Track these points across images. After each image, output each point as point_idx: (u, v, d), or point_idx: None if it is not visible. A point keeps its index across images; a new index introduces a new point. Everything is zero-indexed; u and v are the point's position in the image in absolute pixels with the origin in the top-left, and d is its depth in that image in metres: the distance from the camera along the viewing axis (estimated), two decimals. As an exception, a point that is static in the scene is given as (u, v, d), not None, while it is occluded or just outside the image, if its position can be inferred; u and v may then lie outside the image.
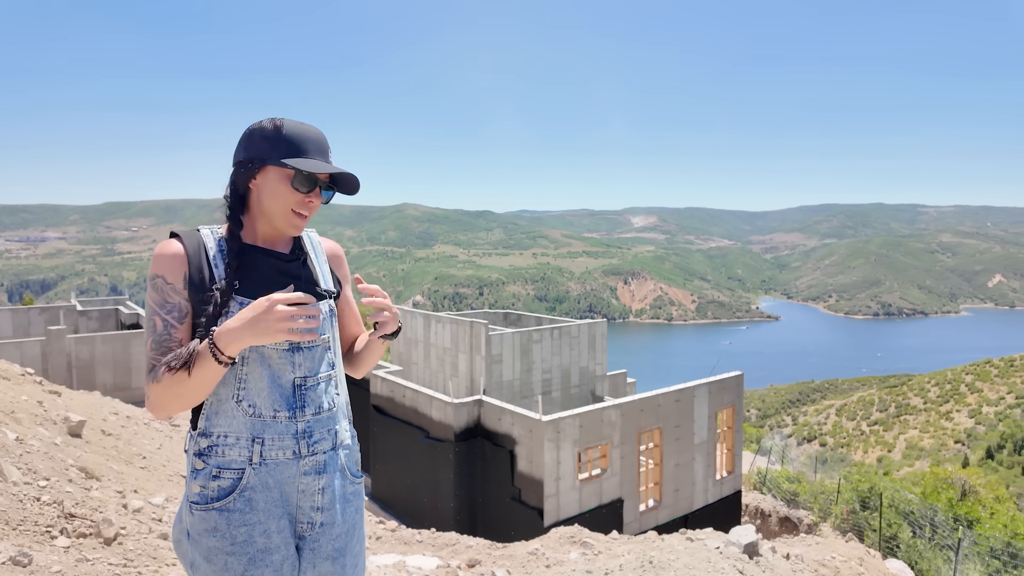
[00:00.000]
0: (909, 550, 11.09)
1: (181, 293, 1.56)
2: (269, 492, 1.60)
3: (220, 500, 1.55)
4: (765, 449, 21.79)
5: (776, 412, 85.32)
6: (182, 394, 1.49)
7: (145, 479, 5.83)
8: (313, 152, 1.62)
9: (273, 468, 1.60)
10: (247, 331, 1.43)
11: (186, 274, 1.57)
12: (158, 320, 1.54)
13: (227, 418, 1.58)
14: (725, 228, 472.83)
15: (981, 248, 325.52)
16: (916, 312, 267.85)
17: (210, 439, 1.58)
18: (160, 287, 1.55)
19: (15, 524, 3.44)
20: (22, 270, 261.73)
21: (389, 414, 15.67)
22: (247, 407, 1.59)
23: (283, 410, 1.61)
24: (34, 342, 17.94)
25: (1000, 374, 68.28)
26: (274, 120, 1.64)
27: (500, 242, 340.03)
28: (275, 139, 1.61)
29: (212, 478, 1.56)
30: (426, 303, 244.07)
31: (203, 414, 1.59)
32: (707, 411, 14.32)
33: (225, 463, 1.57)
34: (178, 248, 1.58)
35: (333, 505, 1.70)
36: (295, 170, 1.60)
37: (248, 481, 1.57)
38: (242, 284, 1.61)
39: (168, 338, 1.54)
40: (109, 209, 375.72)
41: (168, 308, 1.55)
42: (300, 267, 1.74)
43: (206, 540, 1.54)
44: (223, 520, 1.54)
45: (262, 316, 1.43)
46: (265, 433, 1.59)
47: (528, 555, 5.82)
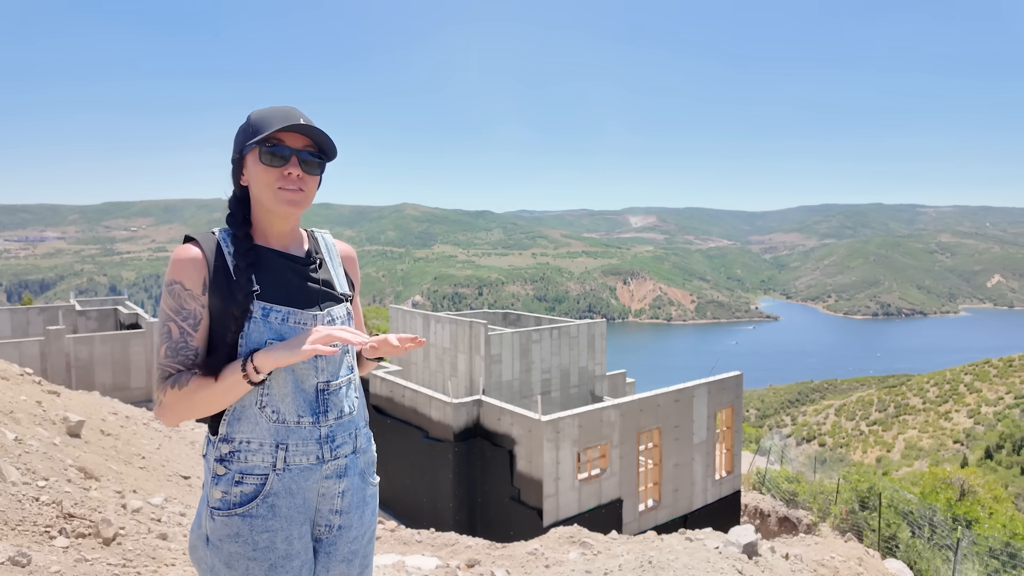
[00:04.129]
0: (908, 550, 11.09)
1: (198, 299, 1.54)
2: (292, 498, 1.58)
3: (243, 506, 1.54)
4: (764, 449, 21.79)
5: (775, 412, 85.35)
6: (202, 404, 1.50)
7: (144, 479, 5.83)
8: (278, 123, 1.56)
9: (297, 474, 1.59)
10: (285, 354, 1.48)
11: (205, 279, 1.55)
12: (174, 327, 1.53)
13: (250, 424, 1.56)
14: (724, 228, 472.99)
15: (980, 248, 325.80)
16: (915, 312, 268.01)
17: (232, 445, 1.56)
18: (177, 293, 1.53)
19: (14, 524, 3.43)
20: (21, 270, 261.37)
21: (388, 414, 15.67)
22: (271, 413, 1.57)
23: (307, 415, 1.60)
24: (33, 342, 17.92)
25: (999, 374, 68.33)
26: (248, 114, 1.63)
27: (499, 242, 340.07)
28: (245, 129, 1.60)
29: (234, 484, 1.55)
30: (425, 303, 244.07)
31: (224, 420, 1.57)
32: (706, 411, 14.32)
33: (248, 469, 1.56)
34: (196, 253, 1.56)
35: (352, 508, 1.70)
36: (258, 146, 1.56)
37: (272, 487, 1.56)
38: (262, 289, 1.60)
39: (185, 345, 1.53)
40: (108, 209, 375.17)
41: (184, 315, 1.53)
42: (316, 270, 1.73)
43: (228, 546, 1.53)
44: (245, 526, 1.53)
45: (301, 337, 1.50)
46: (289, 439, 1.58)
47: (527, 555, 5.82)
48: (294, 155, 1.59)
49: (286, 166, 1.58)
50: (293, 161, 1.59)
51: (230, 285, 1.56)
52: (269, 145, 1.56)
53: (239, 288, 1.55)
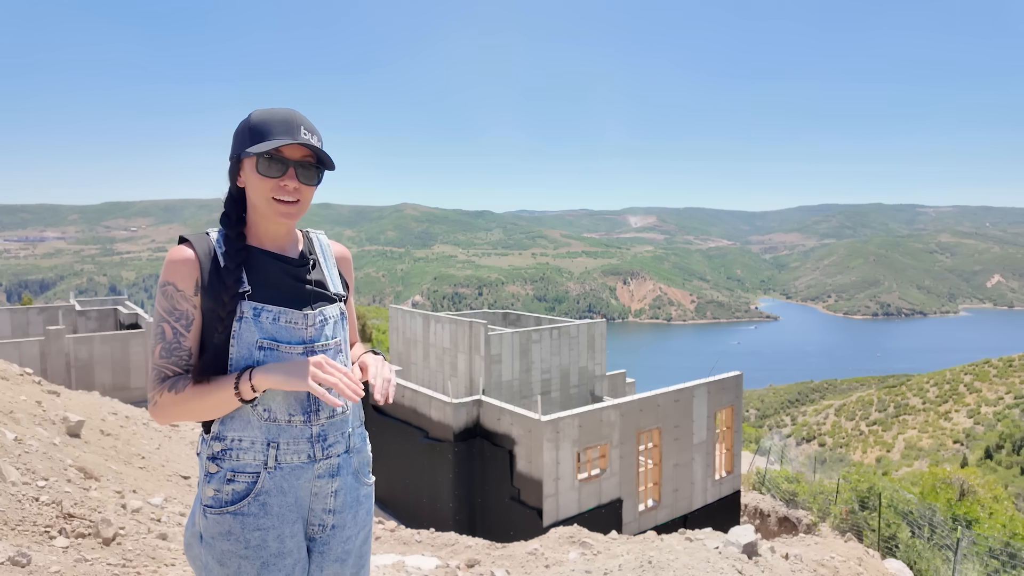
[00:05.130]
0: (908, 550, 11.10)
1: (190, 300, 1.55)
2: (284, 496, 1.60)
3: (235, 504, 1.55)
4: (764, 449, 21.79)
5: (775, 412, 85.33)
6: (196, 412, 1.52)
7: (144, 479, 5.83)
8: (278, 133, 1.54)
9: (288, 472, 1.60)
10: (282, 380, 1.50)
11: (198, 280, 1.55)
12: (167, 328, 1.54)
13: (242, 422, 1.57)
14: (724, 228, 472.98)
15: (980, 248, 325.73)
16: (915, 312, 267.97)
17: (224, 443, 1.57)
18: (170, 294, 1.54)
19: (14, 524, 3.43)
20: (21, 270, 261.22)
21: (388, 414, 15.66)
22: (262, 411, 1.58)
23: (298, 414, 1.62)
24: (33, 342, 17.92)
25: (999, 374, 68.34)
26: (249, 113, 1.61)
27: (499, 242, 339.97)
28: (244, 131, 1.58)
29: (226, 482, 1.56)
30: (425, 303, 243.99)
31: (217, 418, 1.58)
32: (706, 411, 14.32)
33: (240, 467, 1.57)
34: (189, 254, 1.56)
35: (345, 508, 1.71)
36: (256, 155, 1.55)
37: (263, 485, 1.57)
38: (254, 289, 1.60)
39: (178, 346, 1.55)
40: (108, 209, 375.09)
41: (177, 316, 1.55)
42: (310, 271, 1.73)
43: (220, 544, 1.54)
44: (237, 524, 1.54)
45: (302, 365, 1.51)
46: (280, 437, 1.59)
47: (527, 555, 5.82)
48: (292, 167, 1.58)
49: (283, 177, 1.57)
50: (290, 173, 1.58)
51: (222, 286, 1.56)
52: (267, 155, 1.55)
53: (225, 289, 1.55)
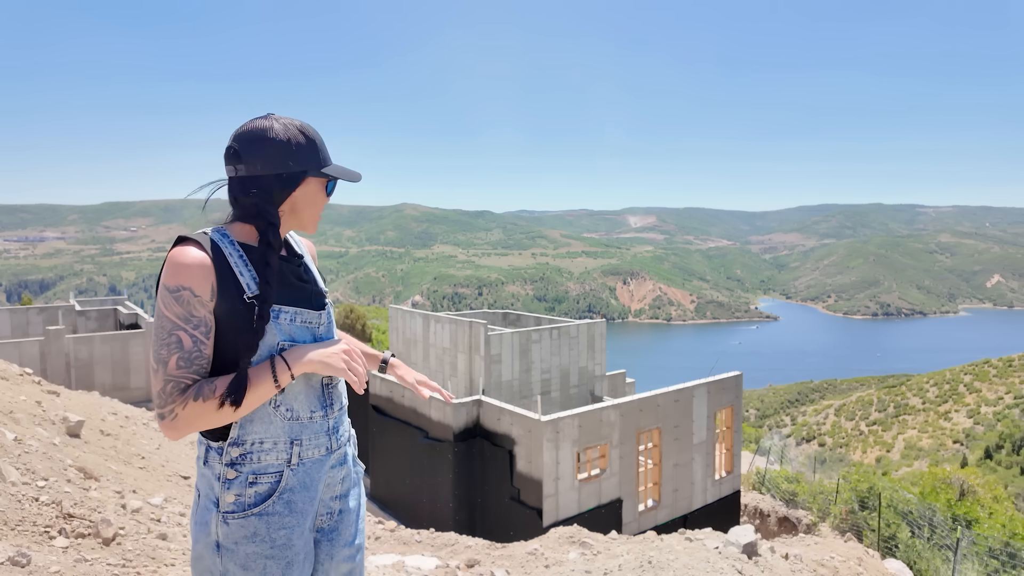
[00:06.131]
0: (908, 550, 11.10)
1: (207, 306, 1.48)
2: (307, 491, 1.62)
3: (259, 505, 1.54)
4: (764, 449, 21.79)
5: (775, 412, 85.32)
6: (227, 414, 1.47)
7: (144, 479, 5.83)
8: (326, 153, 1.69)
9: (310, 466, 1.63)
10: (318, 365, 1.56)
11: (214, 284, 1.49)
12: (184, 336, 1.45)
13: (264, 424, 1.56)
14: (724, 228, 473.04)
15: (980, 248, 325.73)
16: (915, 312, 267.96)
17: (243, 447, 1.54)
18: (186, 300, 1.45)
19: (13, 524, 3.43)
20: (21, 270, 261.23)
21: (388, 414, 15.67)
22: (285, 411, 1.59)
23: (318, 410, 1.66)
24: (33, 342, 17.93)
25: (999, 374, 68.33)
26: (293, 124, 1.61)
27: (499, 242, 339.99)
28: (311, 148, 1.63)
29: (248, 485, 1.54)
30: (425, 303, 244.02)
31: (235, 423, 1.54)
32: (706, 411, 14.32)
33: (262, 468, 1.55)
34: (204, 258, 1.48)
35: (348, 492, 1.78)
36: (330, 177, 1.67)
37: (287, 483, 1.58)
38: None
39: (199, 355, 1.47)
40: (108, 209, 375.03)
41: (195, 323, 1.47)
42: (307, 271, 1.77)
43: (244, 547, 1.51)
44: (263, 524, 1.53)
45: (334, 351, 1.58)
46: (303, 434, 1.62)
47: (527, 555, 5.82)
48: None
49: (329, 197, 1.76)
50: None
51: (237, 290, 1.53)
52: (333, 179, 1.71)
53: (266, 296, 1.55)
